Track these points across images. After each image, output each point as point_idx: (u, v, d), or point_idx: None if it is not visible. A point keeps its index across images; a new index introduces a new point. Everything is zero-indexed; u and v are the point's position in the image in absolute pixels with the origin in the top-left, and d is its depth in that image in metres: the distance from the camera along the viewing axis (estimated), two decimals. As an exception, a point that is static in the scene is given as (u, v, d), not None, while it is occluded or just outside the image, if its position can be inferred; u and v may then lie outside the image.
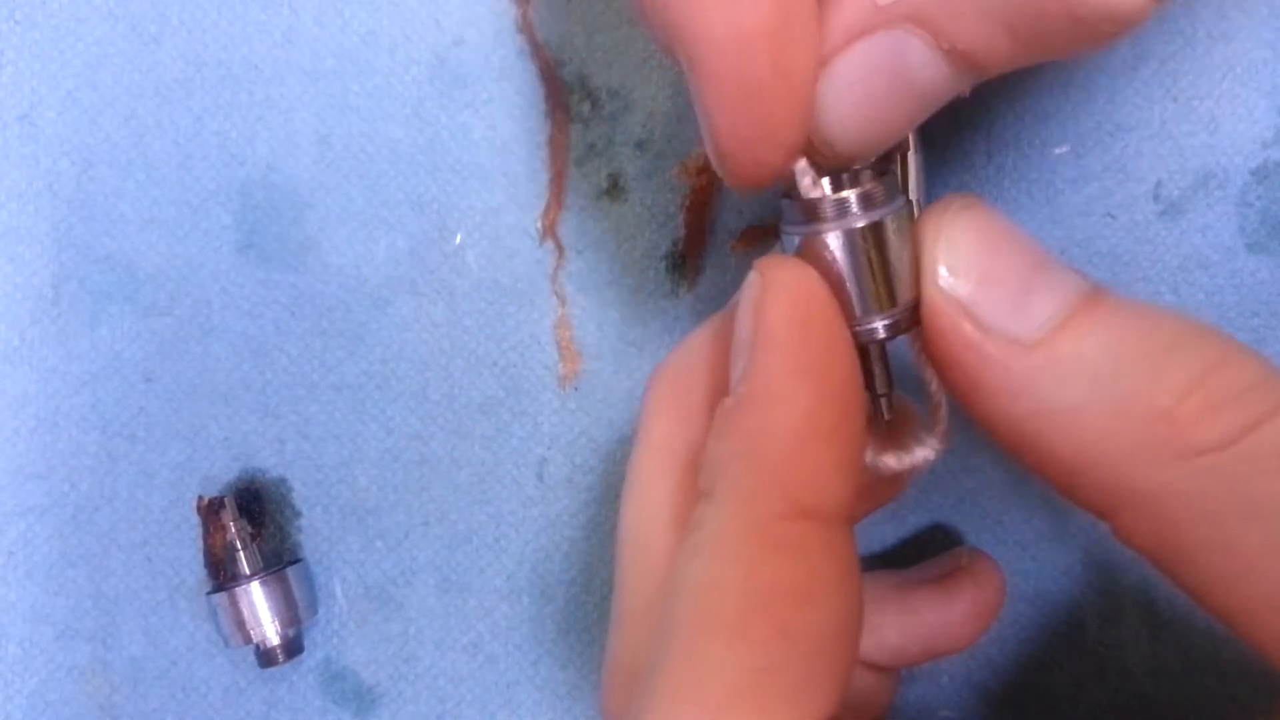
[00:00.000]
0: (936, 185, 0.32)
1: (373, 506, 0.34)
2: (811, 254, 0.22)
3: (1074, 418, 0.20)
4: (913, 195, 0.30)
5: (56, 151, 0.34)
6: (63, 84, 0.34)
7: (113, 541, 0.34)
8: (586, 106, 0.33)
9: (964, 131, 0.32)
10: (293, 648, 0.33)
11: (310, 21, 0.34)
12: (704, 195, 0.33)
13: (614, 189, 0.33)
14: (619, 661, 0.24)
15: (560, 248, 0.33)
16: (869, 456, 0.24)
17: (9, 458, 0.34)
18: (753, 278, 0.22)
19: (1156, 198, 0.32)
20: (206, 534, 0.34)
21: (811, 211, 0.22)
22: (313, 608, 0.34)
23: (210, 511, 0.34)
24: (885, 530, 0.33)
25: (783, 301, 0.21)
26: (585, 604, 0.34)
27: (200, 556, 0.34)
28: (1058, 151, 0.32)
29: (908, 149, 0.30)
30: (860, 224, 0.21)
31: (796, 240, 0.22)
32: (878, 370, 0.23)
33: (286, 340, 0.34)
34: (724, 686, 0.20)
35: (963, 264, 0.21)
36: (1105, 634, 0.32)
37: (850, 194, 0.22)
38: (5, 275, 0.34)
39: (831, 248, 0.22)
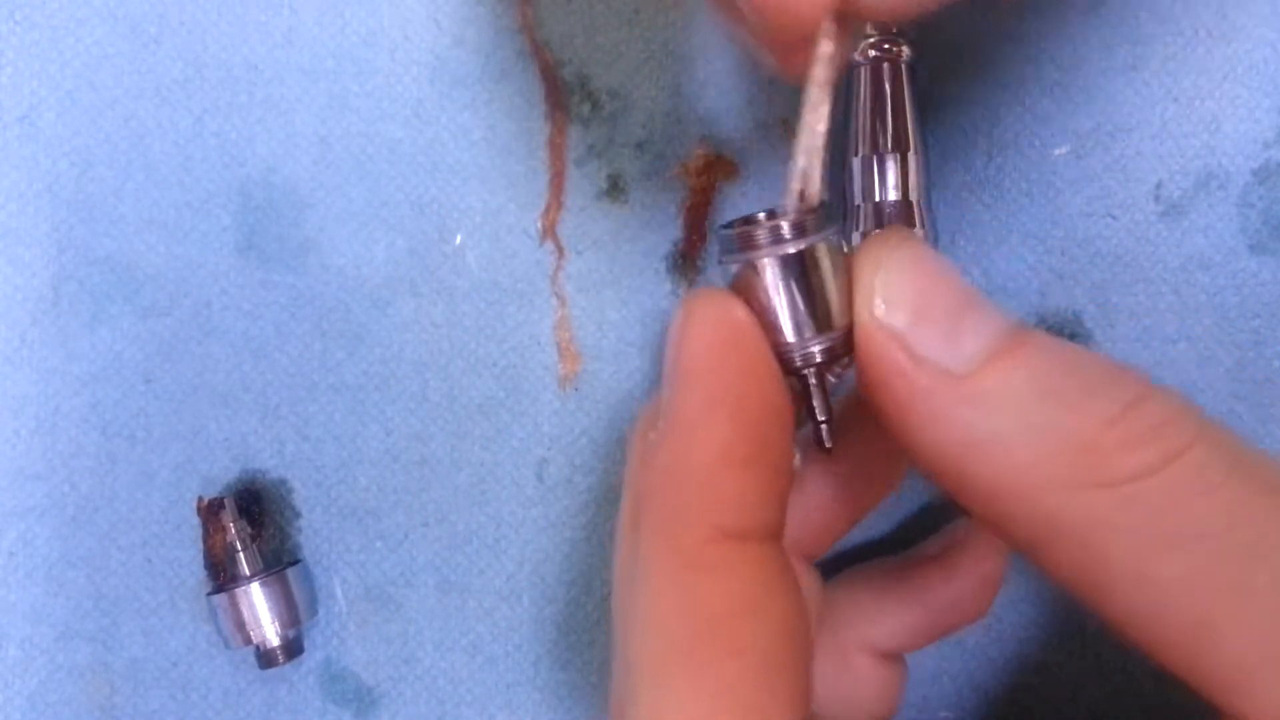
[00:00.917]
0: (937, 185, 0.32)
1: (373, 507, 0.34)
2: (746, 282, 0.22)
3: (1000, 447, 0.21)
4: (912, 196, 0.30)
5: (56, 152, 0.34)
6: (62, 85, 0.34)
7: (113, 542, 0.34)
8: (586, 107, 0.33)
9: (964, 132, 0.32)
10: (293, 649, 0.33)
11: (310, 22, 0.34)
12: (704, 196, 0.33)
13: (614, 189, 0.33)
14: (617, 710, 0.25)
15: (560, 248, 0.33)
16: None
17: (9, 459, 0.34)
18: (677, 310, 0.22)
19: (1157, 198, 0.31)
20: (206, 535, 0.34)
21: (746, 240, 0.22)
22: (313, 609, 0.34)
23: (210, 512, 0.34)
24: (880, 521, 0.33)
25: (699, 333, 0.22)
26: (585, 605, 0.34)
27: (200, 557, 0.34)
28: (1058, 152, 0.32)
29: (907, 149, 0.30)
30: (792, 250, 0.22)
31: (733, 270, 0.23)
32: (817, 398, 0.24)
33: (286, 341, 0.34)
34: (689, 718, 0.20)
35: (898, 295, 0.22)
36: (1105, 634, 0.32)
37: (783, 221, 0.22)
38: (5, 276, 0.34)
39: (765, 274, 0.22)
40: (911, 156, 0.30)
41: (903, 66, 0.30)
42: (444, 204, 0.34)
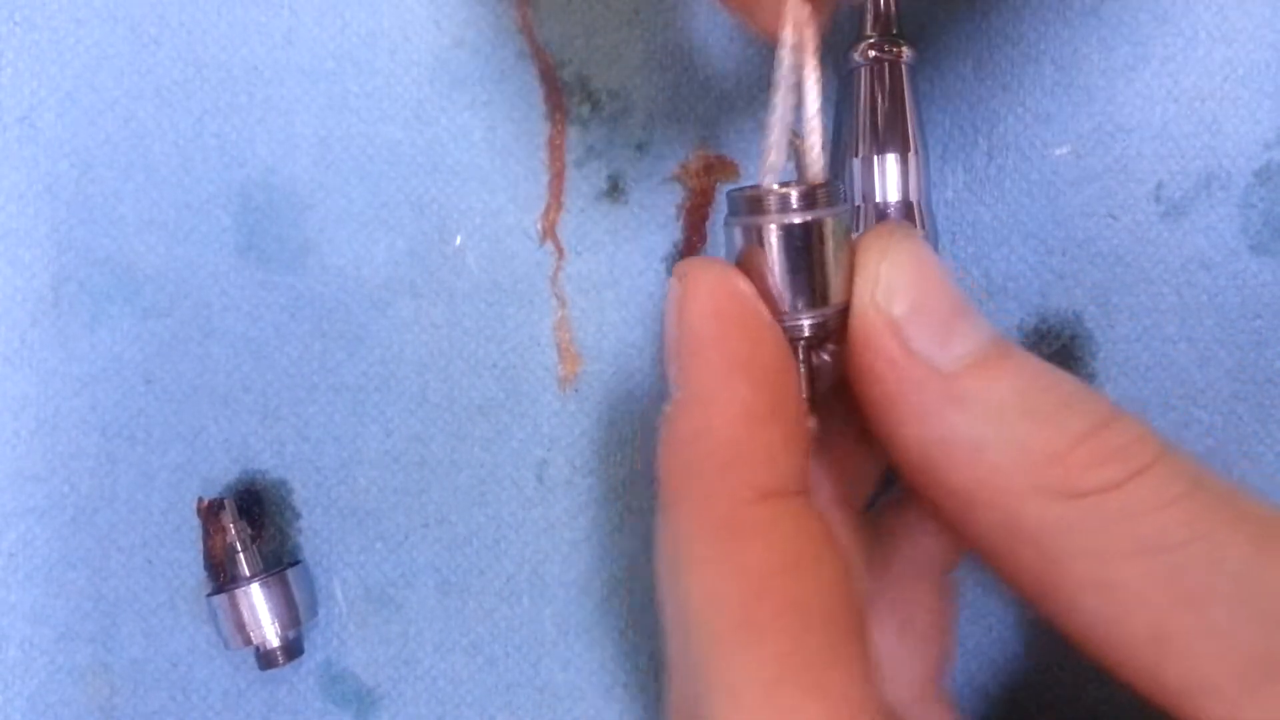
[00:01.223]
0: (937, 185, 0.32)
1: (372, 508, 0.34)
2: (747, 247, 0.23)
3: (977, 451, 0.21)
4: (913, 196, 0.30)
5: (56, 153, 0.34)
6: (62, 86, 0.34)
7: (113, 543, 0.34)
8: (586, 108, 0.33)
9: (965, 132, 0.32)
10: (293, 650, 0.33)
11: (310, 23, 0.34)
12: (703, 197, 0.33)
13: (614, 190, 0.33)
14: (675, 710, 0.25)
15: (560, 249, 0.33)
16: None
17: (9, 460, 0.34)
18: (670, 283, 0.23)
19: (1158, 199, 0.31)
20: (206, 536, 0.34)
21: (754, 205, 0.23)
22: (313, 610, 0.34)
23: (210, 513, 0.34)
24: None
25: (702, 299, 0.22)
26: (585, 605, 0.34)
27: (200, 558, 0.34)
28: (1059, 152, 0.32)
29: (908, 150, 0.30)
30: (798, 220, 0.22)
31: (736, 232, 0.23)
32: (803, 374, 0.24)
33: (286, 342, 0.34)
34: (762, 689, 0.20)
35: (899, 285, 0.22)
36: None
37: (793, 190, 0.22)
38: (5, 277, 0.34)
39: (768, 241, 0.22)
40: (911, 157, 0.30)
41: (903, 67, 0.30)
42: (444, 205, 0.34)
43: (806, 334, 0.23)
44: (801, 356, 0.24)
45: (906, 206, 0.30)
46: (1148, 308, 0.32)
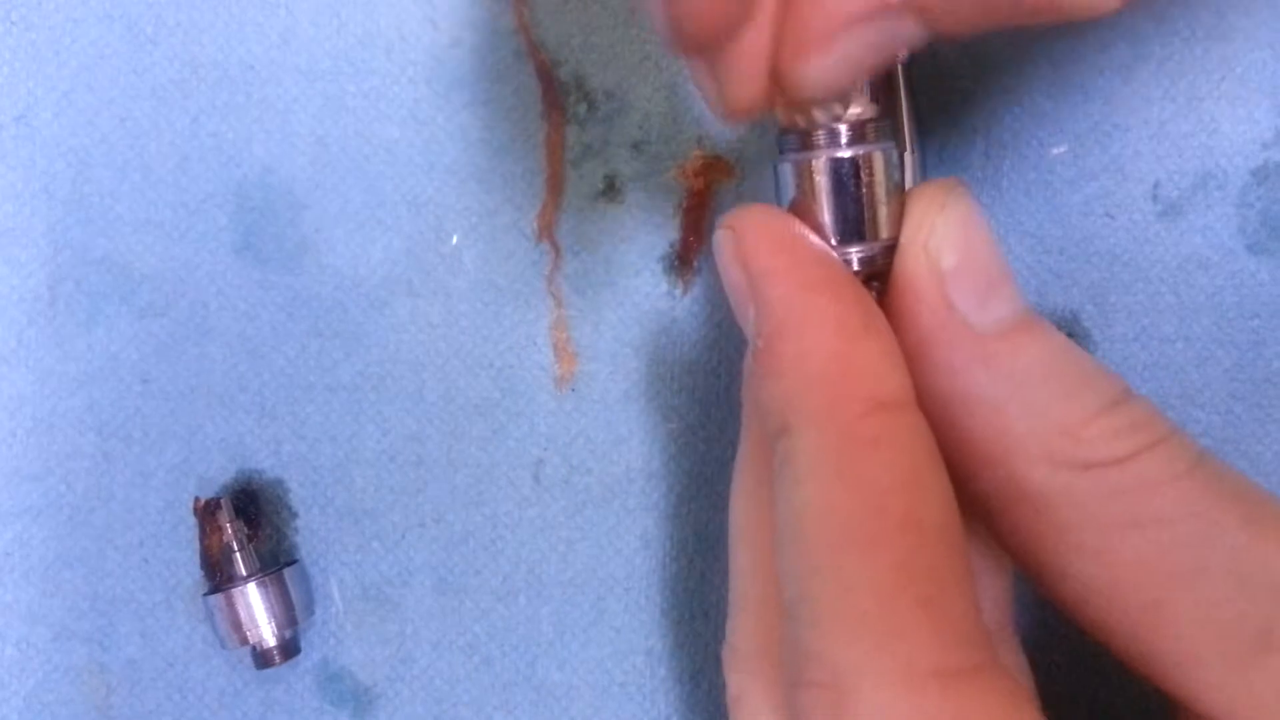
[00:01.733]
0: (934, 186, 0.32)
1: (369, 507, 0.34)
2: (795, 181, 0.23)
3: (994, 411, 0.22)
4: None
5: (53, 153, 0.34)
6: (59, 85, 0.34)
7: (109, 543, 0.34)
8: (583, 107, 0.33)
9: (962, 132, 0.32)
10: (290, 649, 0.33)
11: (307, 23, 0.34)
12: (701, 197, 0.33)
13: (610, 190, 0.33)
14: (745, 648, 0.26)
15: (556, 249, 0.33)
16: None
17: (5, 459, 0.34)
18: (723, 235, 0.23)
19: (1155, 198, 0.31)
20: (203, 535, 0.34)
21: (804, 140, 0.23)
22: (309, 609, 0.34)
23: (207, 513, 0.34)
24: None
25: (762, 237, 0.23)
26: (582, 605, 0.34)
27: (197, 558, 0.34)
28: (1055, 151, 0.32)
29: (905, 148, 0.30)
30: (848, 154, 0.23)
31: (786, 168, 0.24)
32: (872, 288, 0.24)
33: (283, 341, 0.34)
34: (876, 595, 0.20)
35: (952, 240, 0.22)
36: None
37: (842, 125, 0.23)
38: (1, 277, 0.34)
39: (818, 175, 0.23)
40: (908, 156, 0.30)
41: (899, 66, 0.30)
42: (441, 204, 0.34)
43: (855, 267, 0.23)
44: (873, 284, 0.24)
45: (897, 149, 0.30)
46: (1145, 307, 0.32)
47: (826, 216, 0.23)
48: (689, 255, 0.33)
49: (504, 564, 0.34)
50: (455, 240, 0.34)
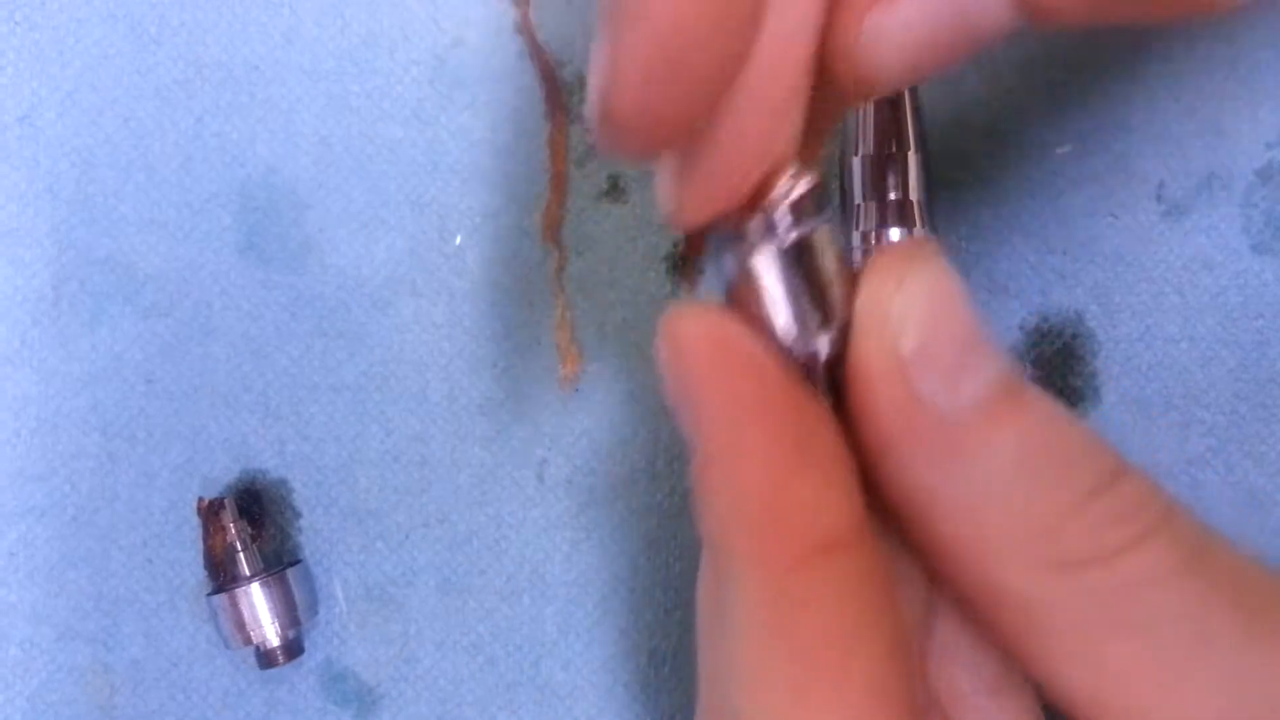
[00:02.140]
0: (937, 184, 0.32)
1: (373, 507, 0.34)
2: (741, 279, 0.21)
3: (967, 508, 0.20)
4: (913, 196, 0.30)
5: (56, 153, 0.34)
6: (63, 85, 0.34)
7: (113, 543, 0.34)
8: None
9: (966, 132, 0.32)
10: (293, 649, 0.33)
11: (310, 22, 0.34)
12: (704, 196, 0.33)
13: (614, 190, 0.33)
14: None
15: (560, 249, 0.33)
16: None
17: (9, 459, 0.34)
18: (660, 342, 0.21)
19: (1160, 198, 0.31)
20: (207, 535, 0.34)
21: (738, 234, 0.21)
22: (313, 609, 0.34)
23: (210, 513, 0.34)
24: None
25: (693, 353, 0.20)
26: (586, 605, 0.34)
27: (200, 558, 0.34)
28: (1059, 151, 0.32)
29: (908, 148, 0.30)
30: (789, 239, 0.21)
31: (724, 265, 0.21)
32: (827, 394, 0.22)
33: (287, 341, 0.34)
34: None
35: (912, 322, 0.20)
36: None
37: (774, 212, 0.21)
38: (5, 277, 0.34)
39: (759, 269, 0.21)
40: (912, 155, 0.30)
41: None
42: (444, 204, 0.34)
43: (826, 353, 0.21)
44: (825, 377, 0.22)
45: (907, 205, 0.30)
46: (1149, 307, 0.32)
47: (771, 310, 0.21)
48: (693, 255, 0.33)
49: (508, 564, 0.34)
50: (459, 240, 0.34)
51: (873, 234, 0.30)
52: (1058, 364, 0.32)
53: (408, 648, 0.34)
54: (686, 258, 0.33)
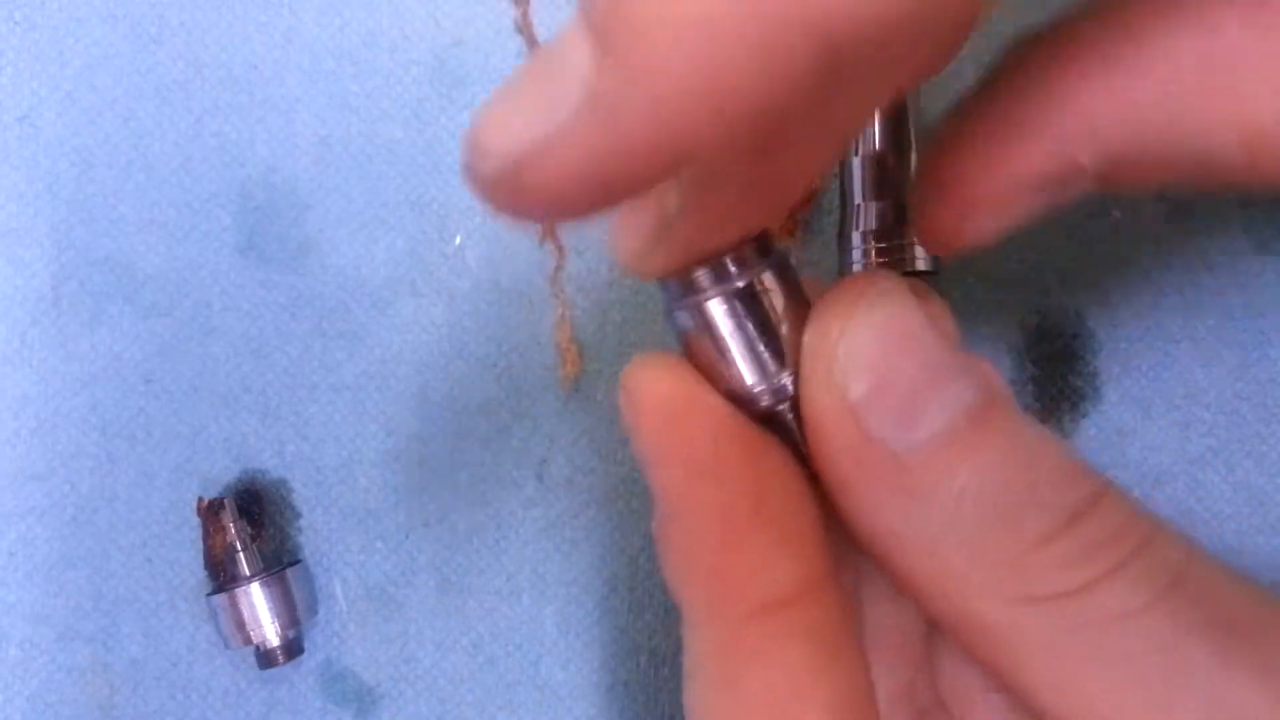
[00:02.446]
0: (938, 185, 0.32)
1: (373, 507, 0.34)
2: (699, 329, 0.21)
3: (931, 547, 0.20)
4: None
5: (56, 153, 0.34)
6: (62, 85, 0.34)
7: (112, 543, 0.34)
8: (586, 107, 0.33)
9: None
10: (293, 649, 0.33)
11: (310, 22, 0.34)
12: (704, 196, 0.33)
13: (614, 189, 0.33)
14: None
15: (560, 249, 0.33)
16: None
17: (8, 459, 0.34)
18: (620, 396, 0.21)
19: (1162, 198, 0.31)
20: (206, 535, 0.34)
21: (687, 285, 0.21)
22: (313, 609, 0.34)
23: (210, 513, 0.34)
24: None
25: (648, 409, 0.20)
26: (585, 605, 0.34)
27: (200, 558, 0.34)
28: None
29: (909, 149, 0.30)
30: (740, 284, 0.20)
31: (678, 318, 0.21)
32: (797, 434, 0.22)
33: (286, 341, 0.34)
34: None
35: (860, 365, 0.20)
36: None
37: (724, 257, 0.20)
38: (5, 276, 0.34)
39: (712, 318, 0.20)
40: (913, 156, 0.30)
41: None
42: (444, 204, 0.34)
43: (790, 393, 0.21)
44: (791, 415, 0.22)
45: (906, 206, 0.30)
46: (1150, 306, 0.32)
47: (725, 359, 0.21)
48: (692, 255, 0.33)
49: (508, 564, 0.34)
50: (459, 240, 0.33)
51: (873, 234, 0.30)
52: (1058, 363, 0.32)
53: (407, 647, 0.34)
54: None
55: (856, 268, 0.30)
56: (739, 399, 0.21)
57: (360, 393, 0.34)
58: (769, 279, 0.21)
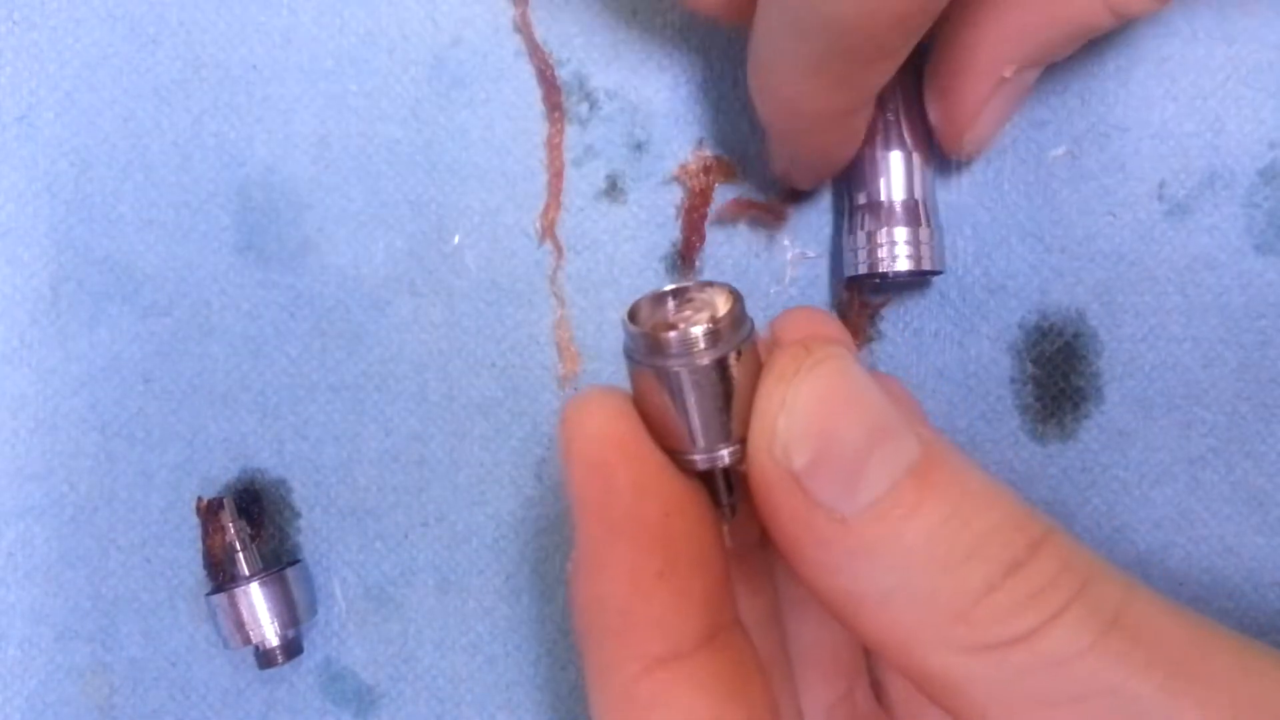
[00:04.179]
0: (937, 186, 0.32)
1: (372, 507, 0.34)
2: (649, 381, 0.21)
3: (882, 603, 0.20)
4: (916, 195, 0.30)
5: (55, 153, 0.34)
6: (61, 85, 0.34)
7: (112, 543, 0.34)
8: (585, 107, 0.33)
9: (965, 131, 0.32)
10: (292, 649, 0.33)
11: (309, 22, 0.34)
12: (702, 198, 0.33)
13: (612, 190, 0.33)
14: None
15: (559, 248, 0.33)
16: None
17: (8, 459, 0.34)
18: (559, 426, 0.21)
19: (1161, 198, 0.31)
20: (206, 535, 0.34)
21: (654, 346, 0.20)
22: (312, 608, 0.34)
23: (209, 512, 0.34)
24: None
25: (580, 448, 0.21)
26: (585, 605, 0.34)
27: (199, 557, 0.34)
28: (1055, 154, 0.32)
29: (910, 149, 0.30)
30: (706, 360, 0.20)
31: (637, 370, 0.21)
32: (723, 494, 0.23)
33: (285, 341, 0.34)
34: None
35: (800, 434, 0.20)
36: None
37: (694, 329, 0.20)
38: (4, 276, 0.34)
39: (674, 384, 0.20)
40: (915, 156, 0.30)
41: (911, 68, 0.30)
42: (442, 204, 0.33)
43: (727, 462, 0.21)
44: (721, 480, 0.23)
45: (911, 205, 0.30)
46: (1152, 307, 0.31)
47: (677, 421, 0.21)
48: (691, 255, 0.33)
49: (507, 563, 0.34)
50: (457, 240, 0.33)
51: (878, 233, 0.30)
52: (1059, 362, 0.32)
53: (406, 647, 0.34)
54: (684, 258, 0.33)
55: (863, 269, 0.30)
56: (678, 456, 0.21)
57: (359, 392, 0.34)
58: (733, 357, 0.20)
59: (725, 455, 0.21)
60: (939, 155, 0.31)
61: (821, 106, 0.26)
